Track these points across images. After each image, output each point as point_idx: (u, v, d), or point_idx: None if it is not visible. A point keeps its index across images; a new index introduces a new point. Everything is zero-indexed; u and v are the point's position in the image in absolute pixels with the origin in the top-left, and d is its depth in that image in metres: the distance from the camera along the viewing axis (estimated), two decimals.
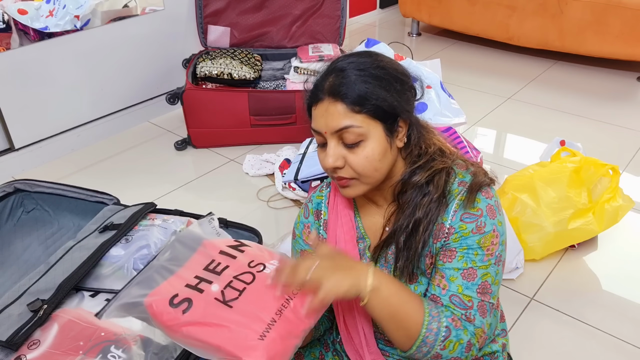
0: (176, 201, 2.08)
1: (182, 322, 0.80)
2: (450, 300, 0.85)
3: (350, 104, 0.82)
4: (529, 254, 1.71)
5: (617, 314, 1.54)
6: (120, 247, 1.35)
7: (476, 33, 3.43)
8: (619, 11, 2.80)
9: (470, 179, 0.88)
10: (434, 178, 0.88)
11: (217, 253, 0.91)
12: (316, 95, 0.86)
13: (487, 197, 0.87)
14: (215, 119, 2.36)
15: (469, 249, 0.85)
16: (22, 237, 1.62)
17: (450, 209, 0.86)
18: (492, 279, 0.86)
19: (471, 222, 0.85)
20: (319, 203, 1.02)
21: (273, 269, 0.87)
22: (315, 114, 0.86)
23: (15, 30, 2.26)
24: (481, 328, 0.85)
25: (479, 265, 0.85)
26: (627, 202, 1.72)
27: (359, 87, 0.82)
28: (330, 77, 0.85)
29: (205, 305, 0.81)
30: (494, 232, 0.86)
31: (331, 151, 0.85)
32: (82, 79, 2.43)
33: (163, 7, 2.62)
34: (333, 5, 2.67)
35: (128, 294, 0.86)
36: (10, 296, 1.24)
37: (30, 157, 2.35)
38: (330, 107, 0.83)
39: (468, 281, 0.85)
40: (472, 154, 1.86)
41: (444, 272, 0.87)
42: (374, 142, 0.84)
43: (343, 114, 0.82)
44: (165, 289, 0.84)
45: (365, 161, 0.84)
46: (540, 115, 2.67)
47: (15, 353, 1.09)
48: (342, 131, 0.83)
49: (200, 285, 0.85)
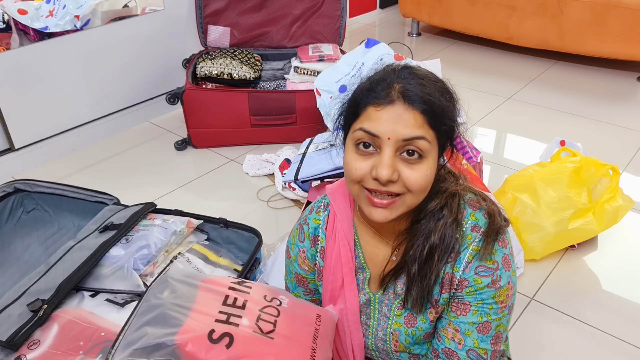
0: (176, 201, 2.08)
1: (227, 357, 0.77)
2: (467, 355, 0.84)
3: (428, 116, 0.75)
4: (529, 254, 1.71)
5: (617, 314, 1.54)
6: (120, 247, 1.35)
7: (476, 33, 3.43)
8: (619, 11, 2.80)
9: (484, 223, 0.82)
10: (447, 202, 0.83)
11: (227, 289, 0.89)
12: (384, 95, 0.76)
13: (502, 246, 0.82)
14: (215, 119, 2.36)
15: (484, 303, 0.83)
16: (22, 237, 1.62)
17: (462, 259, 0.81)
18: (504, 328, 0.86)
19: (487, 276, 0.81)
20: (316, 228, 0.95)
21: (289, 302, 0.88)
22: (380, 115, 0.75)
23: (15, 30, 2.26)
24: None
25: (494, 317, 0.83)
26: (627, 202, 1.72)
27: (440, 102, 0.76)
28: (403, 81, 0.76)
29: (246, 339, 0.79)
30: (509, 284, 0.83)
31: (389, 161, 0.74)
32: (82, 79, 2.43)
33: (163, 7, 2.62)
34: (333, 5, 2.67)
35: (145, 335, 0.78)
36: (10, 296, 1.24)
37: (30, 157, 2.35)
38: (405, 113, 0.74)
39: (483, 334, 0.84)
40: (472, 154, 1.86)
41: (458, 326, 0.84)
42: (432, 162, 0.77)
43: (419, 124, 0.75)
44: (195, 325, 0.80)
45: (423, 179, 0.76)
46: (540, 115, 2.67)
47: (15, 353, 1.09)
48: (410, 141, 0.74)
49: (231, 319, 0.82)
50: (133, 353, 0.77)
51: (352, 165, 0.78)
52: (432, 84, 0.78)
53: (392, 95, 0.75)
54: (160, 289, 0.88)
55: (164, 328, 0.79)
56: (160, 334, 0.78)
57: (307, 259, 0.97)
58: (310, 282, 1.00)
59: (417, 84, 0.76)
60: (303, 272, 0.98)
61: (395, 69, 0.80)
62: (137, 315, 0.85)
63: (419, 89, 0.75)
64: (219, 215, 1.62)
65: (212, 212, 1.66)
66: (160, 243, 1.38)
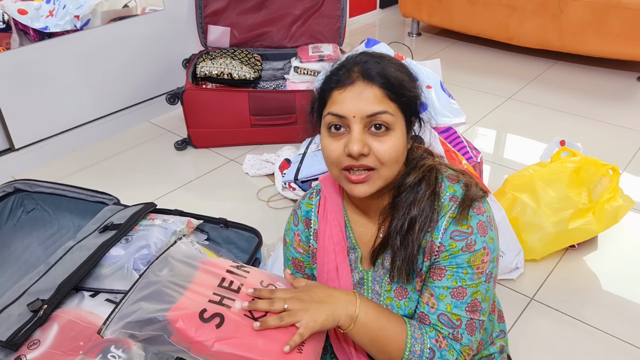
0: (176, 201, 2.08)
1: (215, 337, 0.78)
2: (439, 319, 0.85)
3: (387, 90, 0.80)
4: (529, 254, 1.71)
5: (617, 314, 1.54)
6: (120, 247, 1.35)
7: (476, 33, 3.43)
8: (619, 11, 2.80)
9: (461, 193, 0.86)
10: (424, 176, 0.87)
11: (224, 272, 0.90)
12: (345, 78, 0.82)
13: (478, 212, 0.85)
14: (215, 119, 2.36)
15: (459, 267, 0.84)
16: (22, 237, 1.62)
17: (440, 226, 0.85)
18: (482, 297, 0.85)
19: (461, 240, 0.84)
20: (308, 211, 1.00)
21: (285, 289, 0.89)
22: (343, 97, 0.81)
23: (15, 30, 2.26)
24: (468, 346, 0.85)
25: (469, 283, 0.84)
26: (627, 202, 1.72)
27: (397, 75, 0.81)
28: (361, 63, 0.82)
29: (236, 321, 0.80)
30: (485, 249, 0.84)
31: (359, 136, 0.80)
32: (82, 79, 2.43)
33: (163, 7, 2.62)
34: (333, 5, 2.67)
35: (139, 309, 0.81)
36: (10, 296, 1.24)
37: (30, 157, 2.35)
38: (365, 90, 0.80)
39: (457, 300, 0.84)
40: (472, 153, 1.86)
41: (433, 290, 0.86)
42: (399, 134, 0.82)
43: (380, 99, 0.80)
44: (188, 303, 0.82)
45: (392, 150, 0.81)
46: (540, 115, 2.67)
47: (15, 353, 1.09)
48: (374, 116, 0.79)
49: (224, 301, 0.83)
50: (126, 325, 0.79)
51: (328, 148, 0.84)
52: (387, 61, 0.84)
53: (353, 76, 0.81)
54: (160, 267, 0.90)
55: (158, 304, 0.81)
56: (153, 309, 0.80)
57: (302, 241, 1.01)
58: (306, 267, 1.03)
59: (374, 62, 0.82)
60: (299, 255, 1.02)
61: (353, 56, 0.86)
62: (135, 290, 0.87)
63: (376, 67, 0.81)
64: (219, 215, 1.62)
65: (212, 212, 1.66)
66: (160, 243, 1.38)
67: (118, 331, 0.80)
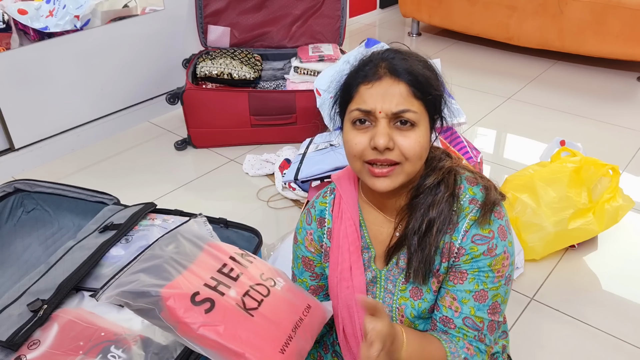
0: (176, 201, 2.08)
1: (202, 321, 0.79)
2: (464, 323, 0.86)
3: (414, 87, 0.81)
4: (529, 254, 1.71)
5: (617, 314, 1.54)
6: (120, 247, 1.35)
7: (476, 33, 3.43)
8: (619, 11, 2.80)
9: (481, 196, 0.87)
10: (444, 178, 0.88)
11: (227, 258, 0.91)
12: (369, 75, 0.83)
13: (498, 217, 0.86)
14: (215, 119, 2.36)
15: (480, 271, 0.85)
16: (22, 237, 1.62)
17: (460, 228, 0.85)
18: (501, 299, 0.87)
19: (483, 244, 0.85)
20: (322, 210, 1.00)
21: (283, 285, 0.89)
22: (370, 92, 0.82)
23: (15, 30, 2.26)
24: (490, 346, 0.87)
25: (490, 287, 0.86)
26: (627, 202, 1.72)
27: (424, 73, 0.82)
28: (389, 59, 0.83)
29: (226, 309, 0.81)
30: (505, 254, 0.86)
31: (385, 130, 0.81)
32: (82, 79, 2.43)
33: (163, 7, 2.62)
34: (333, 5, 2.67)
35: (137, 280, 0.83)
36: (10, 296, 1.24)
37: (30, 157, 2.35)
38: (392, 87, 0.81)
39: (480, 303, 0.86)
40: (472, 154, 1.86)
41: (455, 294, 0.87)
42: (423, 130, 0.83)
43: (405, 96, 0.81)
44: (183, 283, 0.83)
45: (417, 145, 0.81)
46: (540, 115, 2.67)
47: (15, 353, 1.09)
48: (400, 114, 0.80)
49: (219, 287, 0.84)
50: (121, 294, 0.81)
51: (352, 141, 0.84)
52: (415, 58, 0.85)
53: (380, 72, 0.82)
54: (167, 242, 0.91)
55: (155, 279, 0.82)
56: (149, 283, 0.81)
57: (314, 240, 1.01)
58: (316, 266, 1.03)
59: (400, 59, 0.83)
60: (310, 254, 1.02)
61: (380, 51, 0.87)
62: (138, 261, 0.89)
63: (403, 63, 0.82)
64: (219, 215, 1.62)
65: (212, 212, 1.66)
66: None
67: (113, 297, 0.81)
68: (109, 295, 0.82)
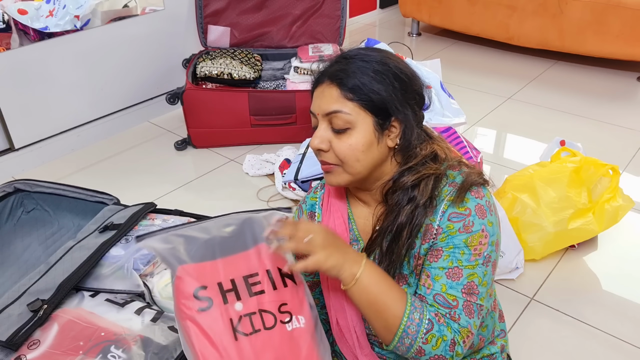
0: (176, 201, 2.08)
1: (191, 316, 0.79)
2: (435, 300, 0.84)
3: (345, 90, 0.84)
4: (529, 254, 1.71)
5: (617, 314, 1.54)
6: (120, 247, 1.35)
7: (476, 33, 3.43)
8: (619, 11, 2.80)
9: (461, 179, 0.87)
10: (420, 183, 0.87)
11: (263, 269, 0.86)
12: (319, 78, 0.89)
13: (477, 196, 0.86)
14: (215, 119, 2.36)
15: (455, 248, 0.84)
16: (22, 237, 1.62)
17: (438, 210, 0.86)
18: (479, 280, 0.85)
19: (458, 221, 0.84)
20: (312, 204, 1.03)
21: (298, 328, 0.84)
22: (314, 95, 0.89)
23: (15, 30, 2.26)
24: (467, 328, 0.83)
25: (465, 264, 0.84)
26: (627, 202, 1.72)
27: (357, 76, 0.84)
28: (335, 64, 0.88)
29: (216, 318, 0.79)
30: (483, 232, 0.85)
31: (318, 133, 0.87)
32: (82, 79, 2.43)
33: (163, 7, 2.62)
34: (333, 5, 2.67)
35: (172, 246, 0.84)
36: (10, 296, 1.23)
37: (30, 157, 2.35)
38: (326, 90, 0.86)
39: (452, 280, 0.84)
40: (472, 153, 1.86)
41: (429, 272, 0.86)
42: (360, 133, 0.85)
43: (335, 98, 0.85)
44: (201, 271, 0.82)
45: (348, 149, 0.85)
46: (540, 115, 2.67)
47: (15, 353, 1.09)
48: (331, 115, 0.85)
49: (229, 293, 0.82)
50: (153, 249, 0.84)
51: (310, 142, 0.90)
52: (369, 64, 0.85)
53: (324, 75, 0.88)
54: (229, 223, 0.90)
55: (186, 254, 0.84)
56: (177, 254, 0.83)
57: None
58: None
59: (349, 63, 0.86)
60: None
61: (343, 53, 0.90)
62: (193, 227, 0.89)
63: (338, 66, 0.86)
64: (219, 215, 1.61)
65: (212, 212, 1.66)
66: None
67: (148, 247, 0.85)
68: (147, 245, 0.85)
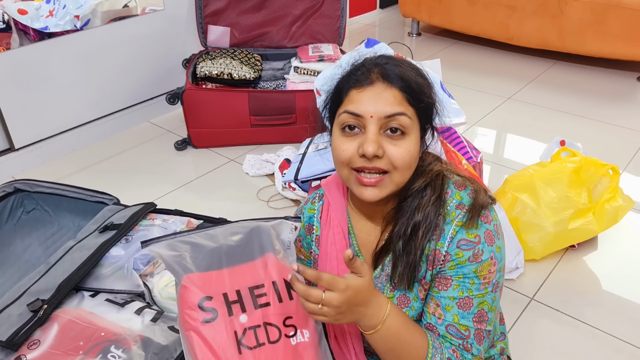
0: (176, 201, 2.08)
1: (195, 327, 0.78)
2: (447, 330, 0.84)
3: (407, 93, 0.80)
4: (529, 254, 1.71)
5: (617, 314, 1.54)
6: (120, 247, 1.35)
7: (476, 33, 3.43)
8: (619, 11, 2.80)
9: (468, 200, 0.84)
10: (431, 181, 0.86)
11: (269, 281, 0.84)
12: (364, 78, 0.81)
13: (485, 221, 0.83)
14: (215, 119, 2.36)
15: (465, 277, 0.83)
16: (22, 237, 1.62)
17: (447, 235, 0.83)
18: (488, 307, 0.84)
19: (468, 249, 0.82)
20: (310, 217, 0.99)
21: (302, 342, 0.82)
22: (361, 96, 0.80)
23: (15, 30, 2.26)
24: (478, 356, 0.84)
25: (475, 294, 0.83)
26: (627, 202, 1.72)
27: (417, 80, 0.82)
28: (381, 65, 0.82)
29: (221, 330, 0.78)
30: (492, 259, 0.83)
31: (374, 137, 0.78)
32: (82, 79, 2.43)
33: (163, 7, 2.62)
34: (333, 5, 2.67)
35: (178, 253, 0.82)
36: (10, 296, 1.23)
37: (30, 157, 2.35)
38: (385, 92, 0.80)
39: (464, 310, 0.83)
40: (472, 154, 1.86)
41: (439, 301, 0.84)
42: (414, 139, 0.82)
43: (399, 101, 0.80)
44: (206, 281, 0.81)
45: (407, 154, 0.80)
46: (540, 115, 2.67)
47: (15, 353, 1.09)
48: (392, 117, 0.79)
49: (233, 306, 0.80)
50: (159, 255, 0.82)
51: (340, 147, 0.82)
52: (407, 65, 0.84)
53: (372, 77, 0.81)
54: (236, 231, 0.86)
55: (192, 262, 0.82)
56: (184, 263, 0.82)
57: (303, 247, 1.00)
58: None
59: (393, 65, 0.82)
60: (300, 261, 1.01)
61: (372, 57, 0.86)
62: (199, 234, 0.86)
63: (396, 69, 0.81)
64: (219, 215, 1.61)
65: (212, 212, 1.66)
66: None
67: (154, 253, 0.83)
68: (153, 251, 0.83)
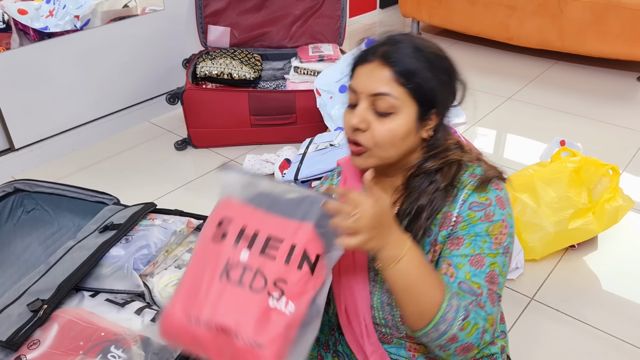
0: (176, 201, 2.08)
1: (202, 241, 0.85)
2: (460, 287, 0.84)
3: (397, 73, 0.83)
4: (529, 254, 1.71)
5: (617, 313, 1.54)
6: (120, 247, 1.35)
7: (476, 33, 3.43)
8: (619, 11, 2.80)
9: (481, 171, 0.89)
10: (443, 168, 0.88)
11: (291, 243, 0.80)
12: (366, 56, 0.86)
13: (497, 188, 0.88)
14: (215, 119, 2.36)
15: (477, 236, 0.85)
16: (22, 237, 1.62)
17: (459, 198, 0.87)
18: (499, 270, 0.85)
19: (480, 210, 0.85)
20: None
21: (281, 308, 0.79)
22: (359, 73, 0.87)
23: (15, 30, 2.26)
24: (492, 316, 0.84)
25: (487, 252, 0.84)
26: (627, 202, 1.72)
27: (411, 61, 0.83)
28: (386, 45, 0.86)
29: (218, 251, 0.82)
30: (503, 222, 0.86)
31: (359, 111, 0.85)
32: (82, 79, 2.43)
33: (163, 7, 2.62)
34: (333, 5, 2.67)
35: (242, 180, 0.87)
36: (10, 296, 1.24)
37: (30, 157, 2.35)
38: (376, 70, 0.84)
39: (476, 268, 0.84)
40: None
41: (451, 260, 0.86)
42: (403, 120, 0.84)
43: (386, 81, 0.83)
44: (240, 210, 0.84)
45: (388, 133, 0.84)
46: (540, 115, 2.67)
47: (15, 353, 1.09)
48: (378, 96, 0.83)
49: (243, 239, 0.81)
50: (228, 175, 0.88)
51: (344, 119, 0.90)
52: (423, 52, 0.85)
53: (373, 54, 0.85)
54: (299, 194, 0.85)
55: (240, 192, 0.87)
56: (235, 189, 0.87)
57: None
58: None
59: (401, 47, 0.84)
60: None
61: (393, 36, 0.88)
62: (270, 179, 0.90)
63: (399, 51, 0.84)
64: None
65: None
66: (160, 243, 1.38)
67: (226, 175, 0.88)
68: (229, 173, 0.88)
